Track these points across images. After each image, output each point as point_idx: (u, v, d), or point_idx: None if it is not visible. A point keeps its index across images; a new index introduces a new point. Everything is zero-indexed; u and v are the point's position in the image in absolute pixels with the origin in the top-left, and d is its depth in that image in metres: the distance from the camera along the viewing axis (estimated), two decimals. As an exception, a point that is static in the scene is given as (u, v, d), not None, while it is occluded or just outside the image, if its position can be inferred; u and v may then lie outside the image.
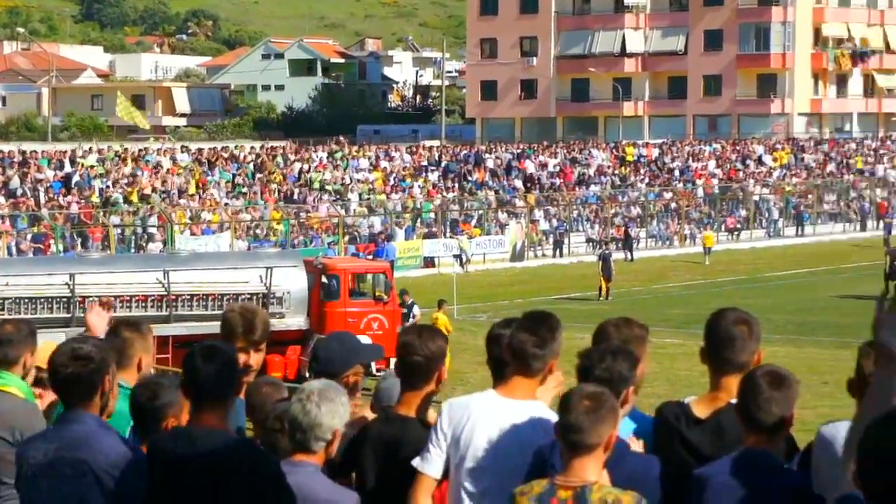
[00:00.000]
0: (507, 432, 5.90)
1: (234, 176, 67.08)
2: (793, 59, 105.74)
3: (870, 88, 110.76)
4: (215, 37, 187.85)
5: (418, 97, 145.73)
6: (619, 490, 5.12)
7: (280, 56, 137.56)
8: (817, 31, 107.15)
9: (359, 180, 70.17)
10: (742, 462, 5.26)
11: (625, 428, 5.75)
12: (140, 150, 69.74)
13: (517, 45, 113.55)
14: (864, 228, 76.55)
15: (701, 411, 5.85)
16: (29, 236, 52.69)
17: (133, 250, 53.27)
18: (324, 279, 34.49)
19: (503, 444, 5.89)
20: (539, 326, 5.97)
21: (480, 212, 67.83)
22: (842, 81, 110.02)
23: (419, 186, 71.17)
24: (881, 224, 73.07)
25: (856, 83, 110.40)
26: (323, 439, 5.57)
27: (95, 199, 58.96)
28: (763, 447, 5.30)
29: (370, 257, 49.58)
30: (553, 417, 5.59)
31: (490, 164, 77.52)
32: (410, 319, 34.68)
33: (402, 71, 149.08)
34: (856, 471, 3.75)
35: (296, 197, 65.73)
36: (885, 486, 3.68)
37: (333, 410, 5.56)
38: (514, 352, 5.96)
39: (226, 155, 71.26)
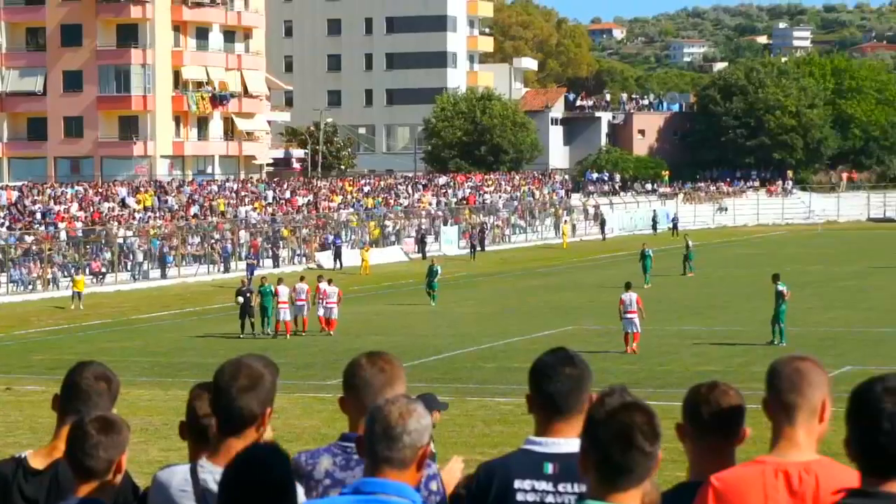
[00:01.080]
0: None
1: None
2: (154, 102, 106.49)
3: (230, 131, 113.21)
4: None
5: None
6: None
7: None
8: (177, 74, 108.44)
9: None
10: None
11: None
12: None
13: None
14: (227, 270, 77.83)
15: (38, 463, 5.70)
16: None
17: None
18: None
19: None
20: None
21: None
22: (203, 124, 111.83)
23: None
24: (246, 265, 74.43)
25: (216, 126, 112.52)
26: None
27: None
28: (95, 495, 5.13)
29: None
30: None
31: None
32: None
33: None
34: None
35: None
36: None
37: None
38: None
39: None
